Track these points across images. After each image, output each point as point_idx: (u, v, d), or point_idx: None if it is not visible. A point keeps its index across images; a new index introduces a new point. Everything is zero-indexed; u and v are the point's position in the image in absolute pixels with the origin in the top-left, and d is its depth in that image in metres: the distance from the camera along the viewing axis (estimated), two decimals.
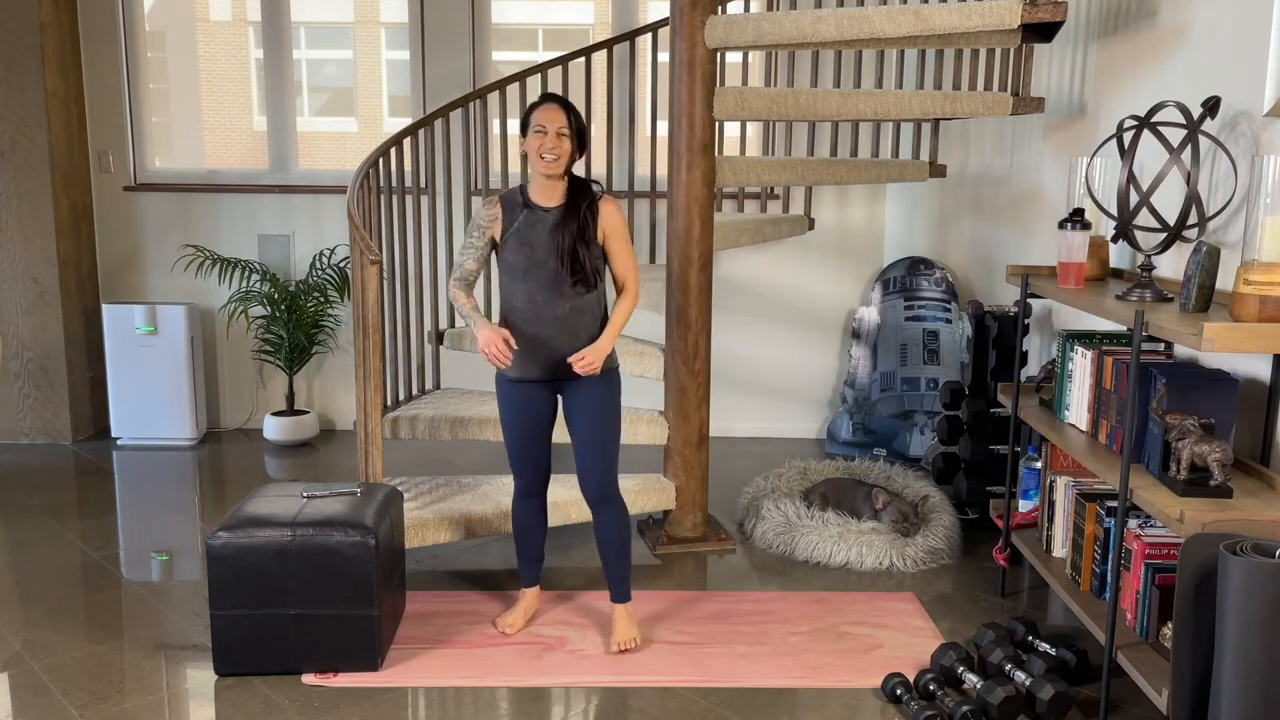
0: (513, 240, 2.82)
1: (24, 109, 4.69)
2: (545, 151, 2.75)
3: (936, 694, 2.64)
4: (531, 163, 2.80)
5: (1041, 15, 3.10)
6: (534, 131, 2.76)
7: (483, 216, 2.85)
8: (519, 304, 2.83)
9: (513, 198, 2.85)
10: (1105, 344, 2.81)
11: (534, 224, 2.81)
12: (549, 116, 2.76)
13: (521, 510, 3.04)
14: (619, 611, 2.98)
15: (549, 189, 2.82)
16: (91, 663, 2.85)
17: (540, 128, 2.76)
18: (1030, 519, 3.24)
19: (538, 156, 2.76)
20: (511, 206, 2.84)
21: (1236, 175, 2.61)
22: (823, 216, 5.06)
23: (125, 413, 4.89)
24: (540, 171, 2.79)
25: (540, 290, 2.81)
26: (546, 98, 2.82)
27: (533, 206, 2.83)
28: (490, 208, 2.84)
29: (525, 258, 2.80)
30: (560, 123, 2.75)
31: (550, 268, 2.80)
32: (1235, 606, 1.92)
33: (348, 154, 5.28)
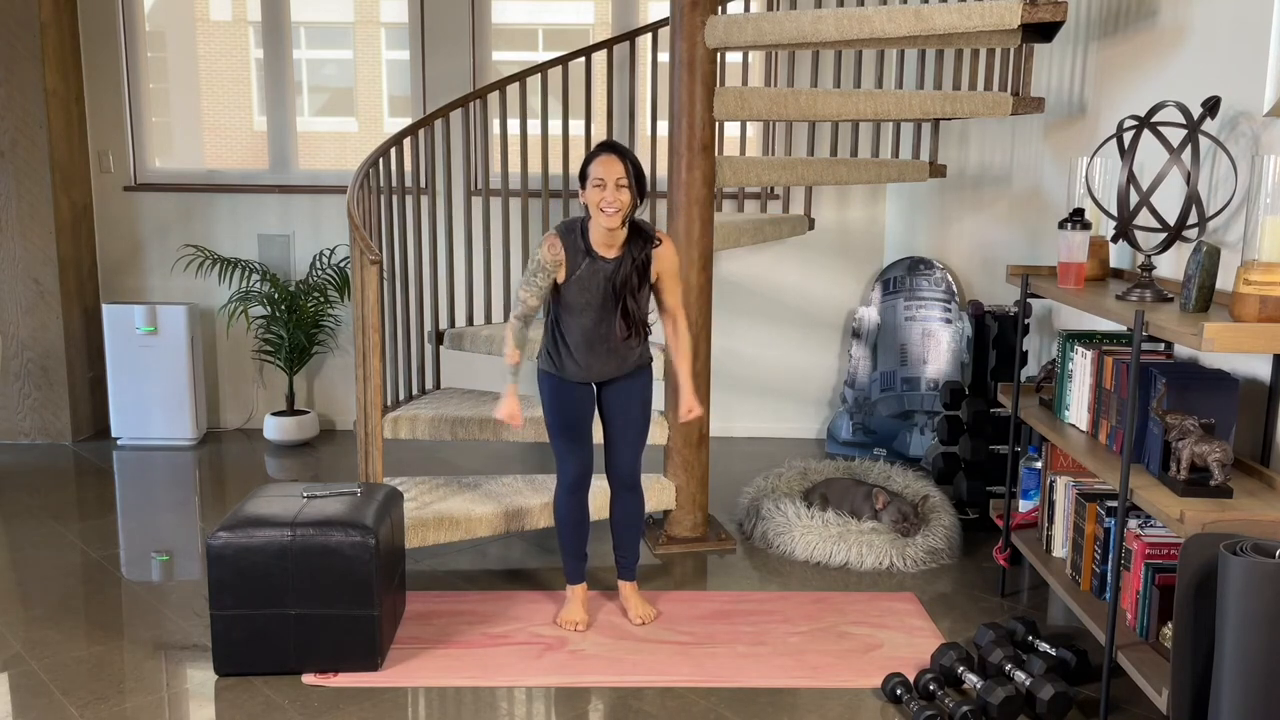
0: (575, 285, 2.85)
1: (24, 109, 4.69)
2: (606, 206, 2.74)
3: (936, 694, 2.64)
4: (593, 213, 2.78)
5: (1041, 15, 3.10)
6: (593, 185, 2.75)
7: (548, 261, 2.81)
8: (574, 333, 2.91)
9: (574, 244, 2.83)
10: (1105, 344, 2.81)
11: (595, 273, 2.84)
12: (607, 169, 2.74)
13: (568, 504, 3.05)
14: (630, 589, 3.16)
15: (609, 238, 2.82)
16: (91, 663, 2.85)
17: (599, 181, 2.74)
18: (1030, 519, 3.24)
19: (599, 211, 2.75)
20: (574, 254, 2.83)
21: (1236, 175, 2.61)
22: (823, 216, 5.06)
23: (125, 413, 4.89)
24: (603, 225, 2.78)
25: (596, 327, 2.89)
26: (603, 147, 2.80)
27: (594, 256, 2.83)
28: (555, 252, 2.81)
29: (584, 301, 2.86)
30: (618, 173, 2.74)
31: (606, 310, 2.88)
32: (1235, 606, 1.92)
33: (348, 154, 5.28)
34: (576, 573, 3.12)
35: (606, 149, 2.79)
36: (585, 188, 2.78)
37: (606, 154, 2.77)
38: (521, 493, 3.59)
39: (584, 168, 2.80)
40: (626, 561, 3.16)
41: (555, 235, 2.83)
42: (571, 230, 2.85)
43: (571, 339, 2.91)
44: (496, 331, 3.99)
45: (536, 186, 4.80)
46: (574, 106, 4.87)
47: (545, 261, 2.82)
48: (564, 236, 2.83)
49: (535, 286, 2.85)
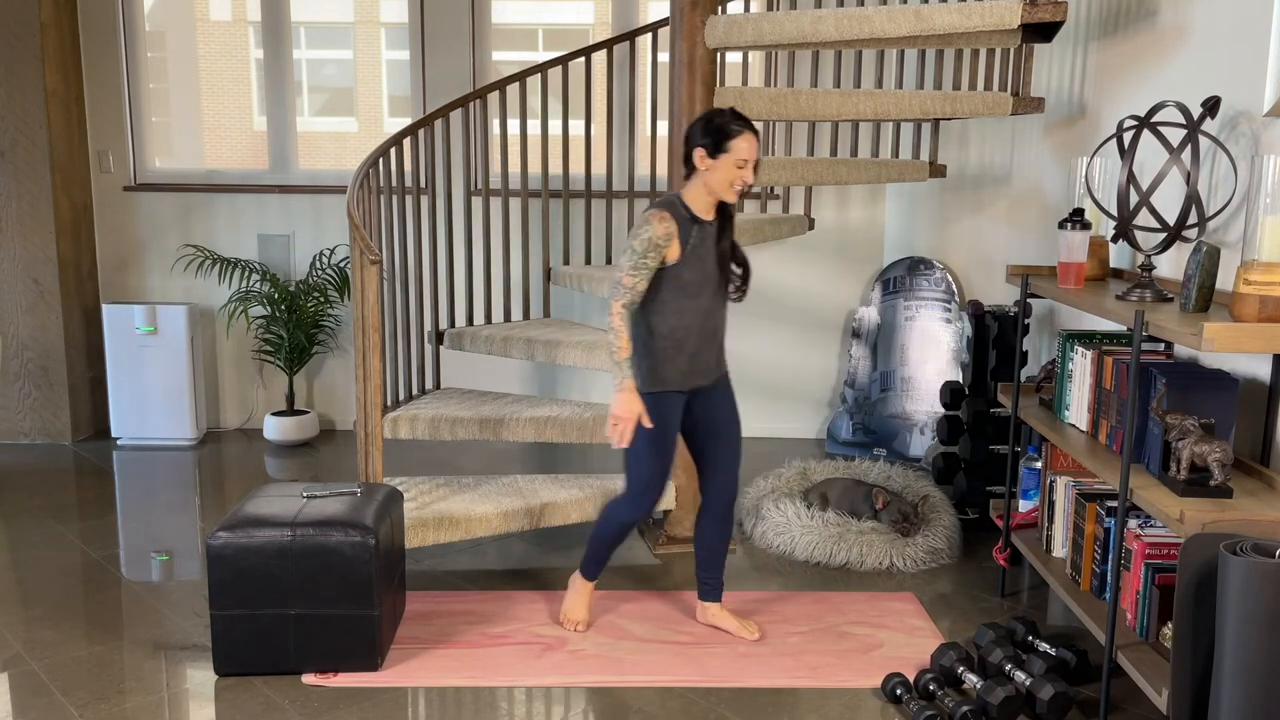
0: (691, 258, 2.75)
1: (24, 109, 4.69)
2: (739, 185, 2.71)
3: (936, 694, 2.64)
4: (716, 185, 2.72)
5: (1041, 15, 3.10)
6: (736, 164, 2.69)
7: (660, 235, 2.69)
8: (690, 320, 2.79)
9: (679, 213, 2.74)
10: (1105, 344, 2.81)
11: (704, 240, 2.77)
12: (751, 148, 2.69)
13: (642, 517, 2.93)
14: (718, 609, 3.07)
15: (710, 204, 2.77)
16: (91, 663, 2.85)
17: (744, 162, 2.69)
18: (1030, 519, 3.24)
19: (729, 185, 2.71)
20: (682, 223, 2.74)
21: (1236, 175, 2.61)
22: (823, 216, 5.06)
23: (125, 413, 4.90)
24: (724, 198, 2.74)
25: (709, 303, 2.82)
26: (742, 122, 2.70)
27: (700, 221, 2.77)
28: (666, 224, 2.70)
29: (701, 277, 2.77)
30: (756, 153, 2.71)
31: (715, 281, 2.82)
32: (1235, 606, 1.92)
33: (348, 154, 5.28)
34: (596, 572, 3.06)
35: (745, 124, 2.70)
36: (716, 158, 2.68)
37: (749, 131, 2.69)
38: (521, 493, 3.59)
39: (722, 140, 2.68)
40: (716, 582, 3.06)
41: (661, 210, 2.71)
42: (671, 204, 2.75)
43: (686, 330, 2.78)
44: (497, 332, 4.00)
45: (536, 186, 4.80)
46: (574, 106, 4.87)
47: (658, 238, 2.68)
48: (670, 210, 2.72)
49: (646, 269, 2.71)
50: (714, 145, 2.70)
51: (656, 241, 2.69)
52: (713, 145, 2.70)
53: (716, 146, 2.69)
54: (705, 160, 2.71)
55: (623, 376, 2.76)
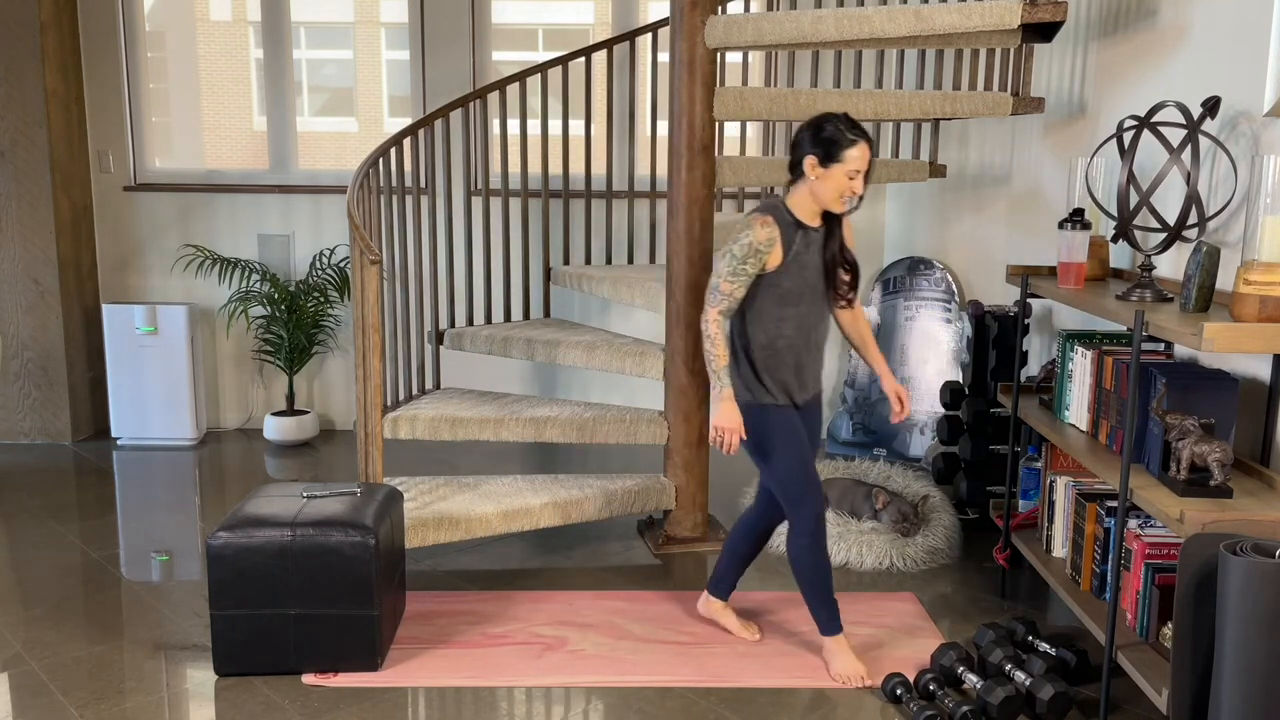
0: (793, 265, 2.64)
1: (24, 109, 4.69)
2: (849, 197, 2.60)
3: (936, 694, 2.64)
4: (825, 195, 2.61)
5: (1041, 15, 3.10)
6: (848, 173, 2.57)
7: (762, 240, 2.58)
8: (790, 331, 2.69)
9: (783, 217, 2.63)
10: (1105, 344, 2.81)
11: (809, 246, 2.67)
12: (865, 157, 2.57)
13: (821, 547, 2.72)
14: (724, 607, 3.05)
15: (815, 211, 2.67)
16: (91, 663, 2.85)
17: (856, 173, 2.57)
18: (1030, 519, 3.24)
19: (838, 197, 2.60)
20: (786, 228, 2.63)
21: (1236, 175, 2.61)
22: None
23: (125, 413, 4.90)
24: (832, 209, 2.64)
25: (810, 313, 2.71)
26: (857, 130, 2.58)
27: (805, 227, 2.66)
28: (769, 228, 2.59)
29: (802, 282, 2.67)
30: (868, 163, 2.59)
31: (819, 290, 2.71)
32: (1235, 606, 1.92)
33: (348, 154, 5.28)
34: (833, 624, 2.80)
35: (860, 133, 2.57)
36: (827, 167, 2.57)
37: (864, 141, 2.57)
38: (521, 493, 3.59)
39: (835, 149, 2.55)
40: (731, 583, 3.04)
41: (765, 214, 2.60)
42: (774, 208, 2.64)
43: (786, 340, 2.68)
44: (497, 332, 4.00)
45: (536, 186, 4.80)
46: (574, 106, 4.87)
47: (759, 243, 2.58)
48: (774, 214, 2.62)
49: (745, 276, 2.60)
50: (826, 154, 2.57)
51: (758, 247, 2.59)
52: (824, 154, 2.57)
53: (829, 155, 2.57)
54: (816, 169, 2.59)
55: (721, 386, 2.65)
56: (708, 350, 2.65)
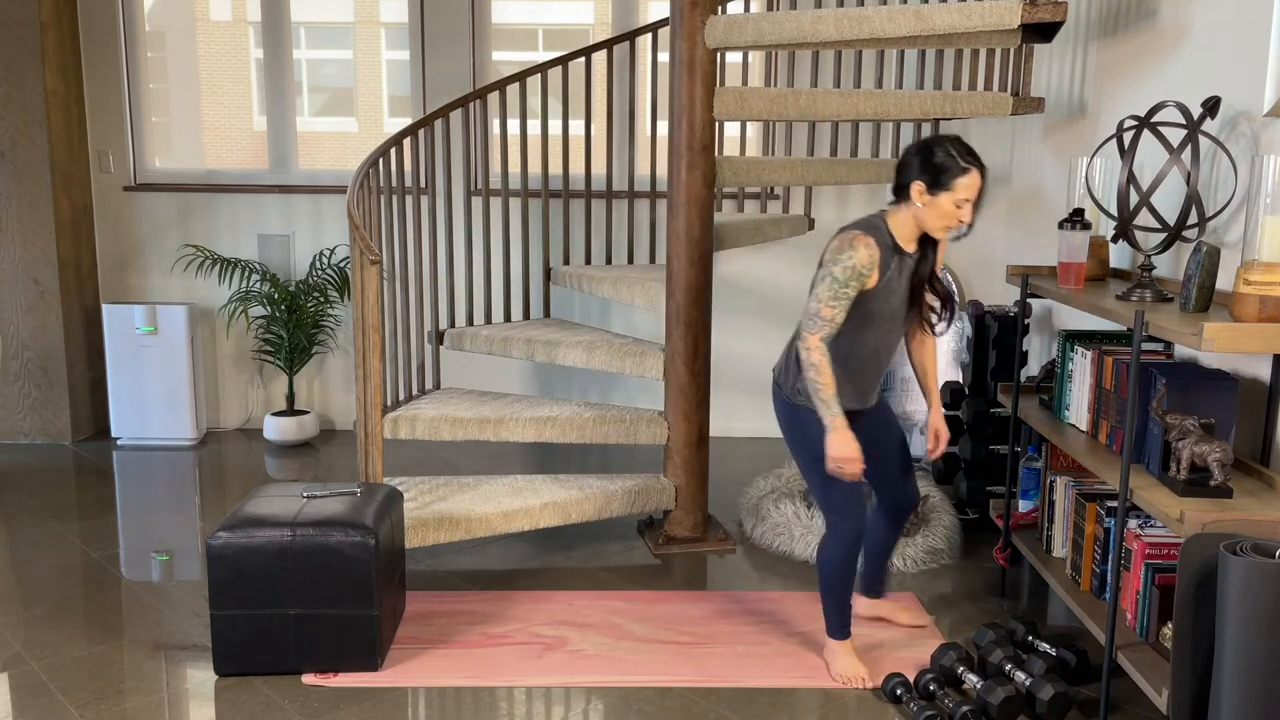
0: (885, 290, 2.57)
1: (24, 109, 4.69)
2: (956, 225, 2.51)
3: (936, 694, 2.64)
4: (929, 223, 2.53)
5: (1041, 15, 3.10)
6: (957, 202, 2.47)
7: (865, 263, 2.49)
8: (865, 353, 2.64)
9: (883, 239, 2.54)
10: (1105, 344, 2.81)
11: (902, 271, 2.59)
12: (976, 186, 2.47)
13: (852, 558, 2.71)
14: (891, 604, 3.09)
15: (915, 235, 2.59)
16: (91, 663, 2.85)
17: (966, 201, 2.48)
18: (1030, 519, 3.24)
19: (943, 226, 2.51)
20: (885, 250, 2.54)
21: (1236, 175, 2.61)
22: (823, 216, 5.06)
23: (125, 413, 4.89)
24: (935, 235, 2.56)
25: (890, 337, 2.66)
26: (970, 158, 2.48)
27: (902, 253, 2.58)
28: (871, 251, 2.50)
29: (890, 308, 2.60)
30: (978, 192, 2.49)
31: (900, 314, 2.64)
32: (1235, 606, 1.92)
33: (348, 154, 5.28)
34: (843, 629, 2.80)
35: (974, 160, 2.47)
36: (934, 195, 2.48)
37: (976, 169, 2.47)
38: (521, 493, 3.59)
39: (945, 178, 2.46)
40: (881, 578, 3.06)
41: (866, 234, 2.51)
42: (876, 228, 2.55)
43: (858, 359, 2.63)
44: (497, 332, 4.00)
45: (536, 186, 4.80)
46: (574, 106, 4.87)
47: (862, 265, 2.49)
48: (874, 235, 2.53)
49: (846, 299, 2.51)
50: (934, 181, 2.48)
51: (860, 270, 2.50)
52: (933, 180, 2.48)
53: (937, 182, 2.48)
54: (923, 196, 2.50)
55: (832, 414, 2.54)
56: (812, 379, 2.53)
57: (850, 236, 2.51)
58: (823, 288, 2.52)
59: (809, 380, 2.54)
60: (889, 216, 2.58)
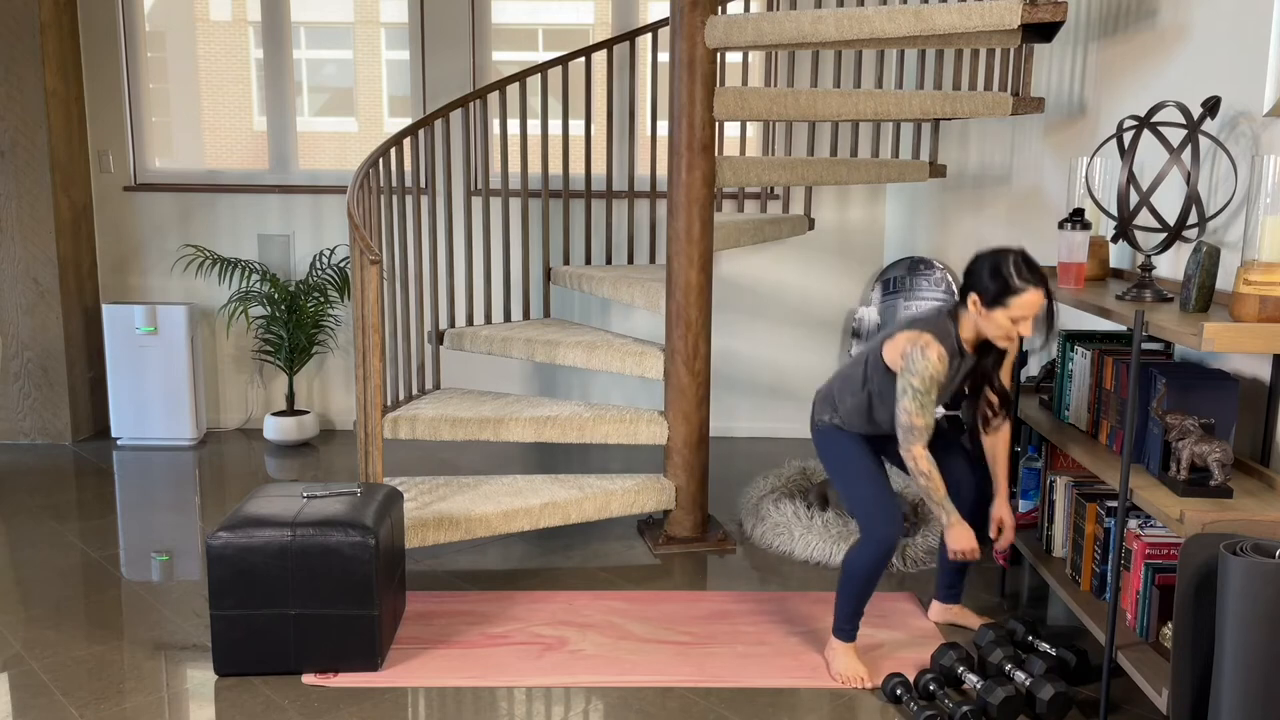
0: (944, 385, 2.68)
1: (24, 109, 4.69)
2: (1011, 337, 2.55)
3: (936, 694, 2.64)
4: (987, 330, 2.56)
5: (1041, 15, 3.10)
6: (1012, 317, 2.50)
7: (940, 371, 2.57)
8: (880, 417, 2.75)
9: (950, 345, 2.61)
10: (1105, 344, 2.81)
11: (960, 368, 2.68)
12: (1035, 304, 2.49)
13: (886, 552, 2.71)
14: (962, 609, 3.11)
15: (977, 339, 2.65)
16: (91, 663, 2.85)
17: (1022, 317, 2.50)
18: (1030, 519, 3.24)
19: (1001, 336, 2.55)
20: (951, 355, 2.62)
21: (1236, 175, 2.61)
22: (823, 216, 5.06)
23: (125, 413, 4.90)
24: (997, 344, 2.61)
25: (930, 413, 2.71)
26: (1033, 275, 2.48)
27: (964, 354, 2.66)
28: (944, 360, 2.57)
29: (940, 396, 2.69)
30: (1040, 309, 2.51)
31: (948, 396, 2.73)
32: (1235, 606, 1.92)
33: (348, 154, 5.28)
34: (851, 633, 2.82)
35: (1039, 280, 2.48)
36: (994, 305, 2.50)
37: (1038, 288, 2.48)
38: (521, 493, 3.59)
39: (1003, 293, 2.48)
40: (958, 582, 3.07)
41: (937, 342, 2.56)
42: (946, 334, 2.60)
43: (887, 422, 2.74)
44: (497, 332, 4.00)
45: (536, 186, 4.80)
46: (574, 106, 4.87)
47: (938, 374, 2.56)
48: (944, 341, 2.59)
49: (932, 403, 2.59)
50: (991, 297, 2.51)
51: (937, 378, 2.57)
52: (990, 297, 2.51)
53: (994, 299, 2.51)
54: (978, 307, 2.54)
55: (948, 513, 2.66)
56: (924, 486, 2.63)
57: (923, 343, 2.56)
58: (908, 400, 2.58)
59: (921, 486, 2.64)
60: (960, 317, 2.64)
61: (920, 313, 2.71)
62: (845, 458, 2.78)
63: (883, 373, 2.70)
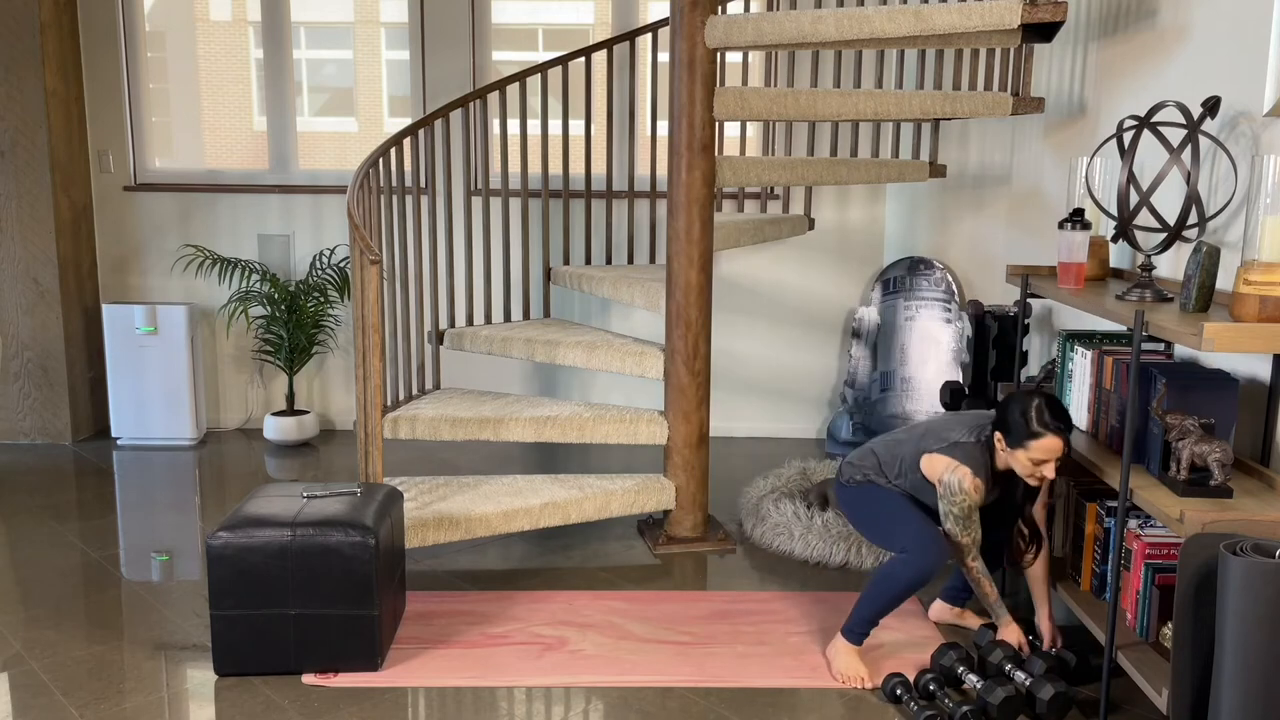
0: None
1: (24, 109, 4.69)
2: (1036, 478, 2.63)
3: (936, 694, 2.64)
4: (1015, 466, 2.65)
5: (1041, 15, 3.10)
6: (1035, 460, 2.59)
7: (975, 499, 2.70)
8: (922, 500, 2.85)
9: (984, 474, 2.71)
10: (1105, 344, 2.81)
11: (992, 492, 2.78)
12: (1056, 450, 2.57)
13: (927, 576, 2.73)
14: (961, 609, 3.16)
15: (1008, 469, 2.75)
16: (91, 663, 2.85)
17: (1044, 461, 2.58)
18: None
19: (1025, 474, 2.64)
20: (986, 483, 2.72)
21: (1236, 175, 2.61)
22: (823, 216, 5.06)
23: (125, 413, 4.89)
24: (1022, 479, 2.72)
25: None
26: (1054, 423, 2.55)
27: (998, 481, 2.77)
28: (980, 489, 2.70)
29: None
30: (1061, 454, 2.58)
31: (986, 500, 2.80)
32: (1235, 606, 1.92)
33: (348, 154, 5.28)
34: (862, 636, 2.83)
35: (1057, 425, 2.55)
36: (1016, 446, 2.60)
37: (1054, 434, 2.55)
38: (521, 493, 3.59)
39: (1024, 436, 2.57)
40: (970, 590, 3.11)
41: (973, 475, 2.68)
42: (983, 466, 2.70)
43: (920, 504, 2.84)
44: (497, 332, 4.00)
45: (536, 186, 4.80)
46: (574, 106, 4.87)
47: (975, 502, 2.70)
48: (980, 473, 2.69)
49: (975, 524, 2.73)
50: (1014, 439, 2.61)
51: (974, 505, 2.71)
52: (1013, 438, 2.61)
53: (1016, 440, 2.60)
54: (1002, 443, 2.65)
55: (1000, 615, 2.85)
56: (984, 594, 2.82)
57: (960, 475, 2.69)
58: (950, 524, 2.73)
59: (982, 593, 2.83)
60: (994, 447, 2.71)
61: (959, 438, 2.74)
62: (887, 502, 2.83)
63: (921, 479, 2.81)
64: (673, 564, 3.59)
